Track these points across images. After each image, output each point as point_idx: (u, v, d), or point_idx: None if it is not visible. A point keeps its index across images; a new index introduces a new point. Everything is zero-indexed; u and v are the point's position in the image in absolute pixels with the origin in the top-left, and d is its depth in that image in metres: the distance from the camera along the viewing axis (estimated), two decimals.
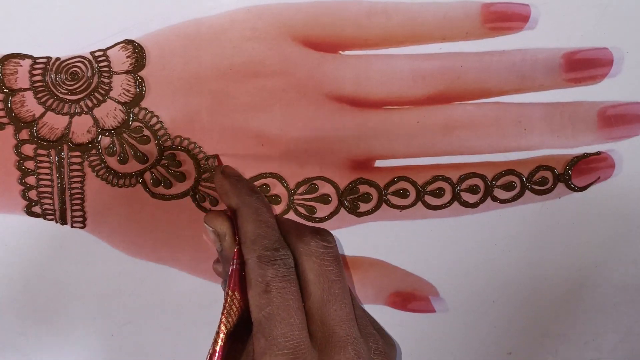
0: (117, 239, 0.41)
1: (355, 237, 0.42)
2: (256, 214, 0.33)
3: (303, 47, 0.39)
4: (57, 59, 0.38)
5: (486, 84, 0.40)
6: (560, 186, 0.42)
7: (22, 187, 0.39)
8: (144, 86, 0.39)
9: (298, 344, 0.31)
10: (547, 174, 0.41)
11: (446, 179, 0.41)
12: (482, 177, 0.41)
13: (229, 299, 0.32)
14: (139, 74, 0.39)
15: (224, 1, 0.38)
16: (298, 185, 0.40)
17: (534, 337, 0.44)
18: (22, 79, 0.38)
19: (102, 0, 0.38)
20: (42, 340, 0.42)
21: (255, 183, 0.40)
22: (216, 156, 0.40)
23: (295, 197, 0.41)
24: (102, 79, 0.38)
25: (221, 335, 0.31)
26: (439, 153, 0.41)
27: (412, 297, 0.43)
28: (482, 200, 0.41)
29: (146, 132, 0.39)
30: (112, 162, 0.40)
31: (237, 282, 0.32)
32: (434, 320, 0.43)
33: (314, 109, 0.40)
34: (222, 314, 0.31)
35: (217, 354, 0.31)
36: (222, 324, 0.31)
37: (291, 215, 0.41)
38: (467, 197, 0.41)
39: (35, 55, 0.38)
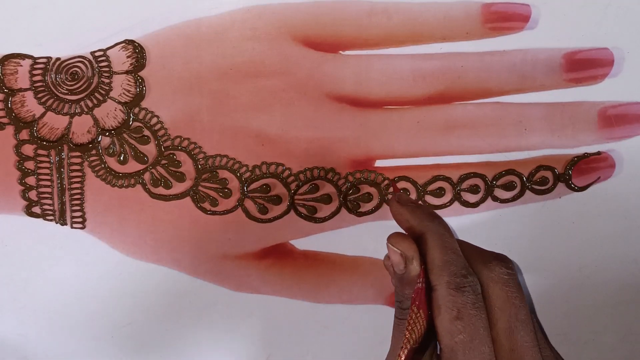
0: (116, 239, 0.41)
1: (356, 237, 0.42)
2: (441, 240, 0.33)
3: (303, 47, 0.39)
4: (58, 59, 0.38)
5: (487, 83, 0.40)
6: (561, 186, 0.42)
7: (22, 188, 0.39)
8: (144, 86, 0.39)
9: None
10: (548, 174, 0.41)
11: (446, 179, 0.41)
12: (483, 177, 0.41)
13: (413, 316, 0.32)
14: (139, 74, 0.39)
15: (224, 1, 0.38)
16: (299, 185, 0.40)
17: None
18: (22, 79, 0.38)
19: (102, 0, 0.38)
20: (42, 341, 0.42)
21: (256, 183, 0.40)
22: (391, 181, 0.41)
23: (296, 197, 0.41)
24: (102, 79, 0.38)
25: (405, 351, 0.31)
26: (439, 153, 0.41)
27: None
28: (482, 200, 0.41)
29: (146, 132, 0.39)
30: (112, 162, 0.39)
31: (423, 300, 0.32)
32: None
33: (314, 109, 0.40)
34: (406, 329, 0.32)
35: None
36: (406, 340, 0.31)
37: (292, 216, 0.41)
38: (467, 196, 0.41)
39: (36, 55, 0.38)
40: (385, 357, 0.35)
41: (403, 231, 0.35)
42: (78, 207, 0.40)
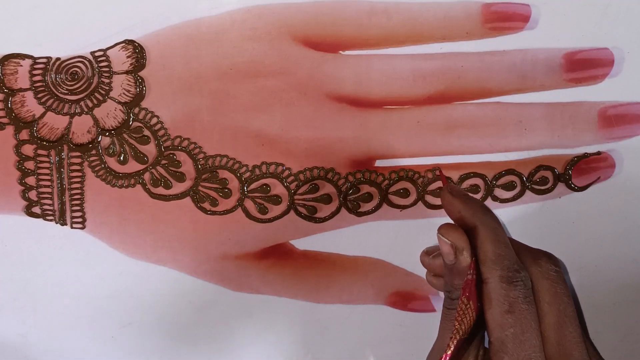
0: (116, 239, 0.41)
1: (356, 237, 0.42)
2: (494, 234, 0.34)
3: (303, 47, 0.39)
4: (58, 59, 0.38)
5: (487, 83, 0.40)
6: (561, 186, 0.42)
7: (22, 188, 0.39)
8: (144, 86, 0.39)
9: None
10: (548, 174, 0.41)
11: (446, 179, 0.41)
12: (483, 176, 0.41)
13: (463, 307, 0.32)
14: (139, 74, 0.39)
15: (224, 1, 0.38)
16: (299, 185, 0.40)
17: None
18: (22, 79, 0.38)
19: (102, 0, 0.38)
20: (42, 342, 0.42)
21: (256, 183, 0.40)
22: (439, 170, 0.41)
23: (296, 197, 0.41)
24: (102, 79, 0.38)
25: (454, 341, 0.32)
26: (439, 153, 0.41)
27: (412, 296, 0.43)
28: (482, 200, 0.41)
29: (146, 132, 0.39)
30: (112, 162, 0.39)
31: (474, 292, 0.33)
32: (434, 319, 0.43)
33: (314, 109, 0.40)
34: (456, 320, 0.32)
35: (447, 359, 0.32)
36: (455, 331, 0.32)
37: (292, 216, 0.41)
38: None
39: (36, 55, 0.38)
40: (432, 346, 0.36)
41: (451, 221, 0.36)
42: (78, 207, 0.40)
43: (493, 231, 0.34)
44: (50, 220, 0.40)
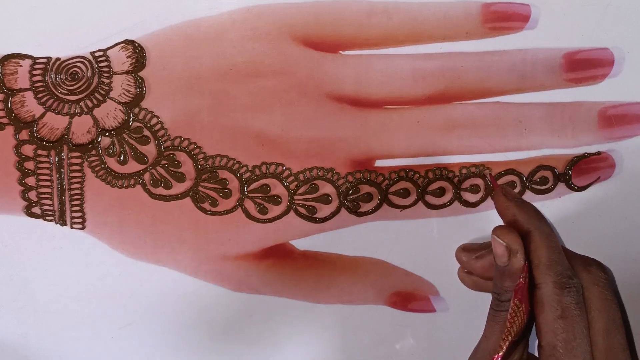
0: (116, 240, 0.41)
1: (356, 237, 0.42)
2: (548, 239, 0.35)
3: (303, 47, 0.39)
4: (57, 59, 0.38)
5: (486, 83, 0.40)
6: (561, 186, 0.42)
7: (22, 188, 0.39)
8: (144, 86, 0.39)
9: None
10: (547, 174, 0.41)
11: (447, 179, 0.41)
12: (483, 176, 0.41)
13: (515, 309, 0.33)
14: (139, 74, 0.39)
15: (223, 1, 0.38)
16: (298, 185, 0.40)
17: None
18: (22, 79, 0.38)
19: (102, 0, 0.38)
20: (42, 342, 0.42)
21: (256, 183, 0.40)
22: (489, 173, 0.41)
23: (296, 197, 0.40)
24: (102, 79, 0.38)
25: (506, 343, 0.32)
26: (439, 153, 0.41)
27: (412, 296, 0.43)
28: (482, 200, 0.41)
29: (146, 133, 0.39)
30: (112, 162, 0.39)
31: (526, 295, 0.33)
32: (434, 320, 0.43)
33: (314, 109, 0.40)
34: (508, 321, 0.33)
35: None
36: (507, 332, 0.33)
37: (291, 216, 0.41)
38: (467, 196, 0.41)
39: (36, 56, 0.38)
40: (475, 346, 0.36)
41: (503, 223, 0.37)
42: (78, 208, 0.40)
43: (547, 237, 0.35)
44: (50, 220, 0.40)
